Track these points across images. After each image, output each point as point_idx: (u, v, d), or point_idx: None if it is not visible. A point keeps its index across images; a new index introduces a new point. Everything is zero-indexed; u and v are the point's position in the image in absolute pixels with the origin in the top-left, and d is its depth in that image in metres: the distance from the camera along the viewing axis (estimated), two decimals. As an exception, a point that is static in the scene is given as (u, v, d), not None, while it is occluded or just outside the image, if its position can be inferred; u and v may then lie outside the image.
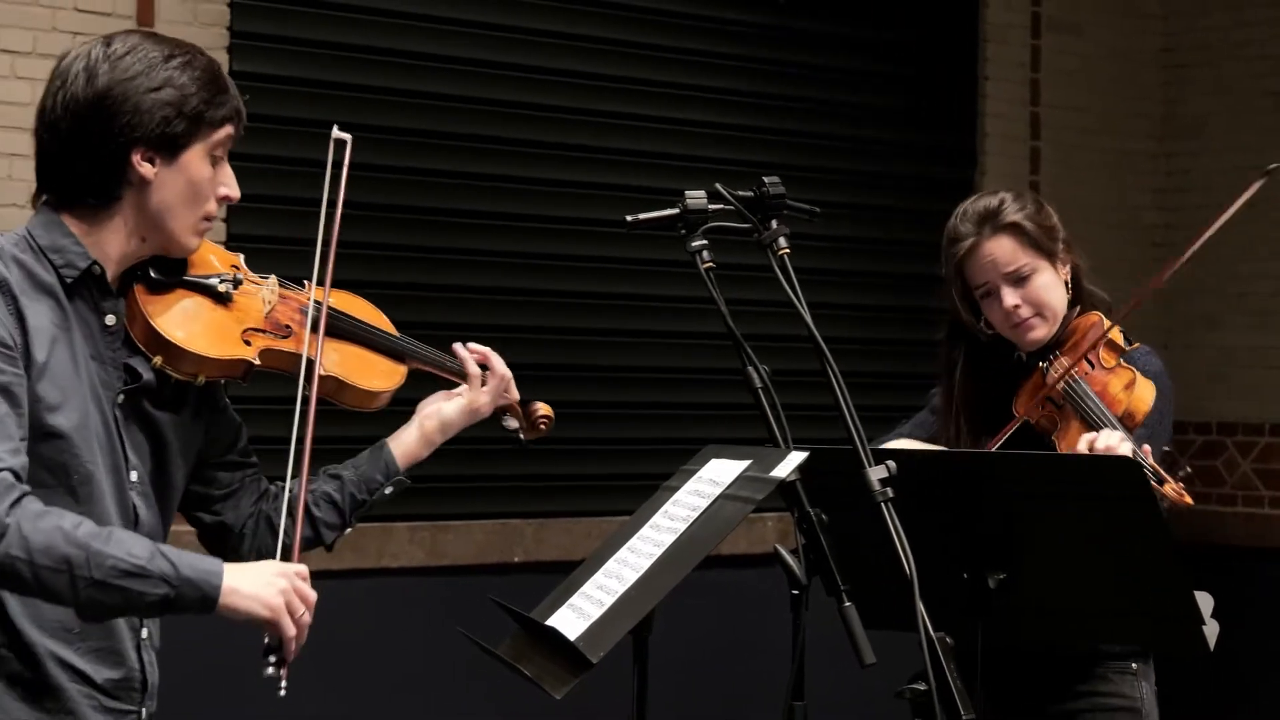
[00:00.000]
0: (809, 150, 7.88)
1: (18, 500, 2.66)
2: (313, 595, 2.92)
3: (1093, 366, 3.72)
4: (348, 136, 3.23)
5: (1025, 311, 3.75)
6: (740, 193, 3.11)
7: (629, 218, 3.22)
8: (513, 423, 3.37)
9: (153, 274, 2.98)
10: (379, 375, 3.22)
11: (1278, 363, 8.48)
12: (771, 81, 7.86)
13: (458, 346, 3.35)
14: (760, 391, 3.00)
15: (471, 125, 7.05)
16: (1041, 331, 3.77)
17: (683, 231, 3.11)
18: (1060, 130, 8.63)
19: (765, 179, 3.11)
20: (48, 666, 2.83)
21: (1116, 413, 3.63)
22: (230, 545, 3.18)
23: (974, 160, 8.41)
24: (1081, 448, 3.51)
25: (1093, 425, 3.60)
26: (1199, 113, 8.80)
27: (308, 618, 2.93)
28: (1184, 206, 8.73)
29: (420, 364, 3.29)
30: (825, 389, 2.95)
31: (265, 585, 2.85)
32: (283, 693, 3.02)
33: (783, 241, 3.08)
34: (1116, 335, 3.77)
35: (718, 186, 3.12)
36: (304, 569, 2.92)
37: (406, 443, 3.24)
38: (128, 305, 2.94)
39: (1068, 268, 3.85)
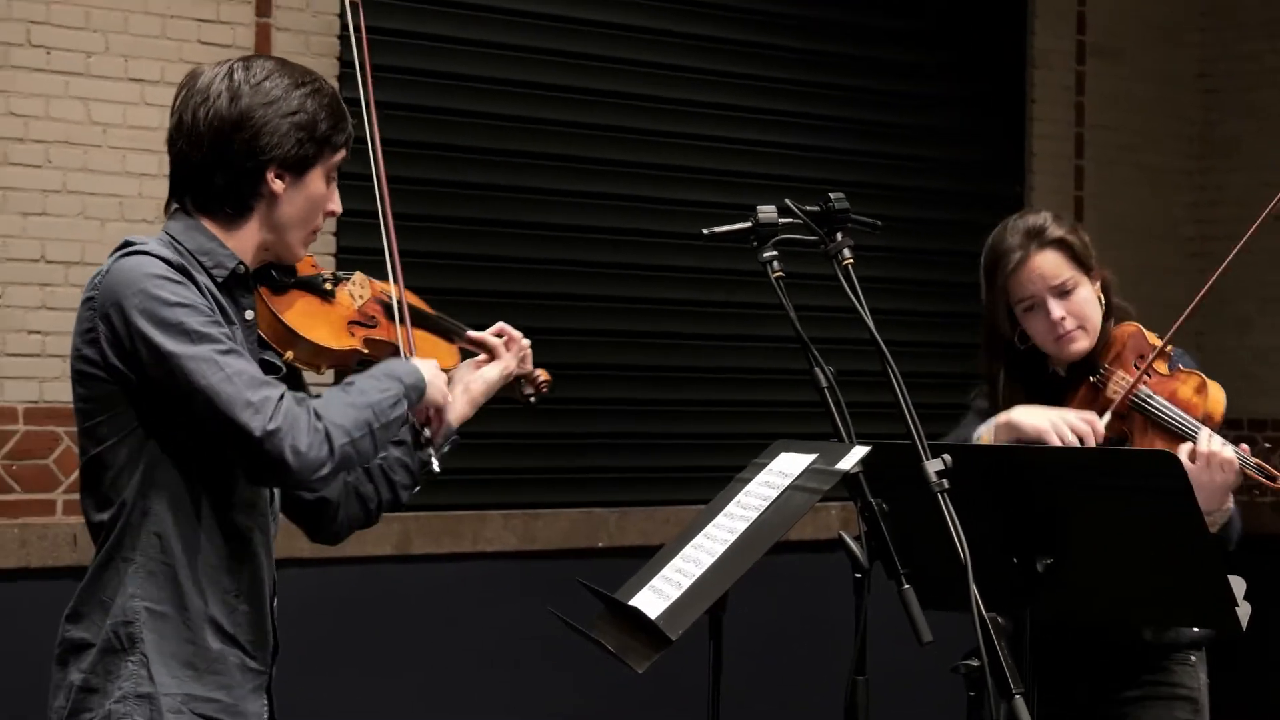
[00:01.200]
0: (871, 168, 7.87)
1: (308, 407, 2.79)
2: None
3: (1150, 376, 3.66)
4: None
5: (1070, 323, 3.69)
6: (807, 208, 3.11)
7: (706, 230, 3.22)
8: (527, 389, 3.39)
9: (275, 275, 3.03)
10: (444, 355, 3.26)
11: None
12: (835, 105, 7.85)
13: (484, 331, 3.36)
14: (826, 390, 3.00)
15: (565, 147, 7.10)
16: (1084, 344, 3.71)
17: (755, 243, 3.11)
18: (1102, 149, 8.59)
19: (831, 195, 3.11)
20: (205, 629, 2.86)
21: (1197, 416, 3.57)
22: (327, 517, 3.20)
23: (1022, 177, 8.38)
24: (1185, 455, 3.43)
25: (1177, 433, 3.54)
26: (1233, 133, 8.76)
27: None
28: (1218, 220, 8.68)
29: (463, 342, 3.31)
30: (886, 388, 2.95)
31: (435, 372, 3.08)
32: (437, 467, 3.18)
33: (847, 252, 3.07)
34: (1154, 339, 3.72)
35: (787, 202, 3.12)
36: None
37: (458, 406, 3.22)
38: (256, 304, 2.98)
39: (1099, 283, 3.80)
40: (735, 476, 3.15)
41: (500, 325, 3.35)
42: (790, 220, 3.10)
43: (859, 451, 2.88)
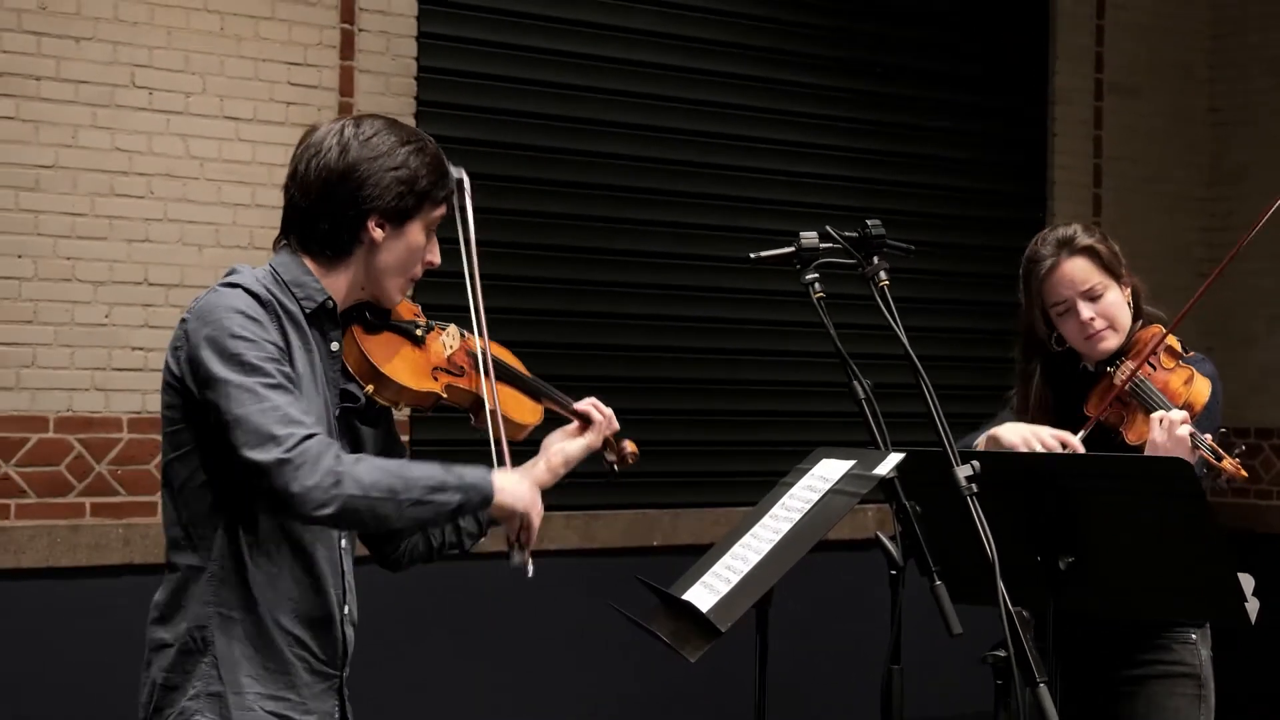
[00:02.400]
0: (904, 197, 7.85)
1: (337, 454, 2.74)
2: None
3: (1154, 369, 3.68)
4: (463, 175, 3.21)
5: (1099, 324, 3.70)
6: (846, 233, 3.10)
7: (753, 255, 3.22)
8: (611, 456, 3.35)
9: (368, 316, 3.03)
10: (527, 412, 3.22)
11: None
12: (872, 139, 7.84)
13: (590, 401, 3.29)
14: (863, 401, 2.99)
15: (627, 178, 7.12)
16: (1112, 342, 3.72)
17: (798, 266, 3.10)
18: (1119, 179, 8.55)
19: (868, 221, 3.10)
20: (274, 633, 2.85)
21: (1177, 404, 3.59)
22: (391, 545, 3.19)
23: (1044, 205, 8.35)
24: (1153, 424, 3.49)
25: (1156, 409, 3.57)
26: (1241, 162, 8.71)
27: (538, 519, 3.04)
28: (1228, 244, 8.58)
29: (551, 404, 3.27)
30: (918, 399, 2.94)
31: (518, 484, 2.98)
32: (530, 572, 3.12)
33: (883, 274, 3.07)
34: (1174, 343, 3.74)
35: (827, 228, 3.11)
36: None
37: (537, 474, 3.15)
38: (345, 340, 2.98)
39: (1129, 289, 3.80)
40: (780, 481, 3.14)
41: (594, 401, 3.27)
42: (830, 245, 3.10)
43: (894, 458, 2.87)
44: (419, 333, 3.09)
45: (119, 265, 6.05)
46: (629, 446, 3.32)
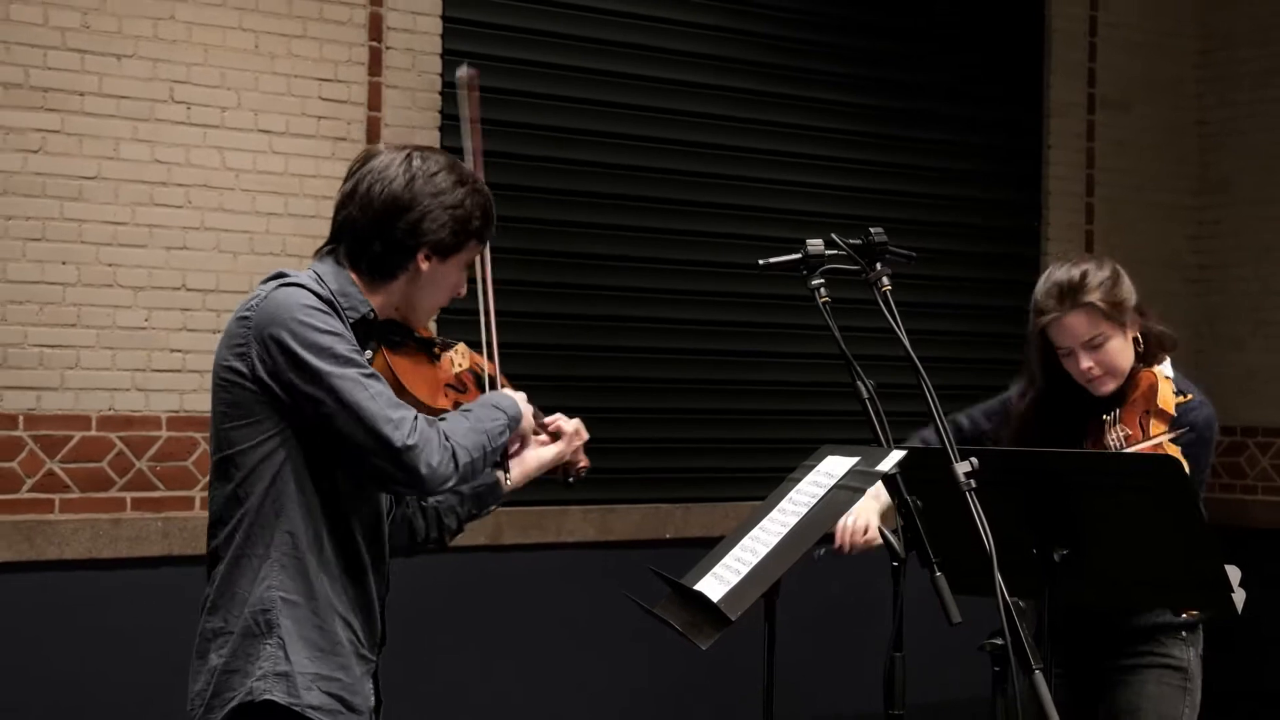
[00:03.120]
0: (906, 206, 7.84)
1: (436, 426, 2.82)
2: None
3: (1144, 430, 3.62)
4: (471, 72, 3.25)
5: (1097, 371, 3.66)
6: (851, 241, 3.10)
7: (761, 261, 3.22)
8: (570, 470, 3.35)
9: (394, 335, 3.04)
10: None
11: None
12: (876, 151, 7.83)
13: (558, 416, 3.29)
14: (867, 401, 2.99)
15: (643, 188, 7.13)
16: (1110, 386, 3.68)
17: (804, 272, 3.10)
18: (1111, 188, 8.52)
19: (871, 230, 3.09)
20: (330, 618, 2.86)
21: None
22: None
23: (1039, 213, 8.32)
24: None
25: None
26: (1228, 172, 8.69)
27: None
28: (1215, 250, 8.63)
29: (536, 424, 3.27)
30: (919, 399, 2.94)
31: (526, 406, 3.09)
32: (507, 485, 3.19)
33: (885, 280, 3.06)
34: (1168, 403, 3.66)
35: (832, 236, 3.11)
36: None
37: (512, 477, 3.19)
38: (375, 353, 2.99)
39: (1137, 327, 3.75)
40: (787, 477, 3.14)
41: (559, 417, 3.28)
42: (835, 252, 3.09)
43: (896, 455, 2.87)
44: (435, 350, 3.10)
45: (158, 271, 6.06)
46: (583, 460, 3.33)
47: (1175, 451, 3.58)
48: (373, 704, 2.98)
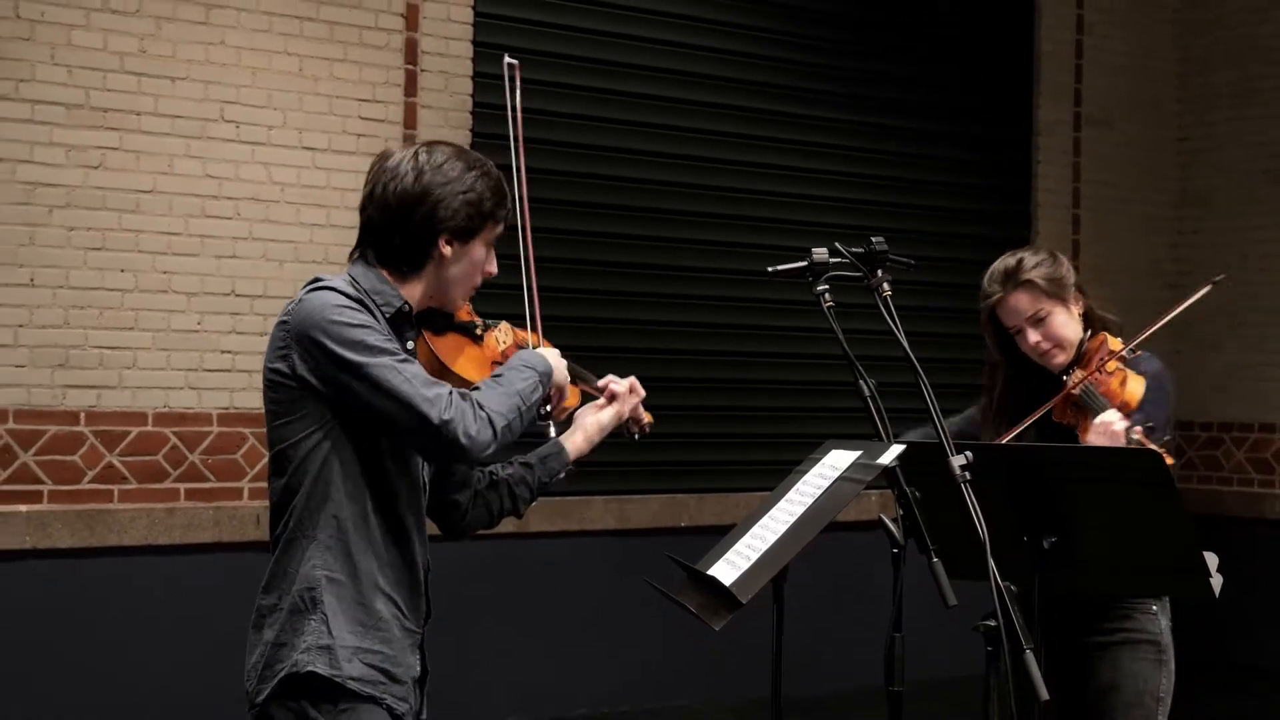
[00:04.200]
0: (906, 217, 7.84)
1: (470, 398, 2.80)
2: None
3: (1101, 373, 3.66)
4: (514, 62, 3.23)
5: (1045, 344, 3.69)
6: (854, 249, 3.09)
7: (770, 268, 3.21)
8: (633, 426, 3.34)
9: (434, 319, 3.03)
10: (570, 396, 3.22)
11: (1265, 376, 8.40)
12: (878, 166, 7.84)
13: (610, 377, 3.31)
14: (868, 399, 2.97)
15: (662, 201, 7.13)
16: (1061, 358, 3.71)
17: (810, 279, 3.08)
18: (1096, 200, 8.51)
19: (872, 239, 3.08)
20: (373, 594, 2.85)
21: (1115, 404, 3.56)
22: (457, 516, 3.20)
23: (1029, 224, 8.33)
24: (1094, 427, 3.48)
25: (1097, 411, 3.56)
26: (1206, 186, 8.68)
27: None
28: (1193, 258, 8.61)
29: (584, 385, 3.27)
30: (917, 396, 2.93)
31: (559, 360, 3.04)
32: (553, 433, 3.15)
33: (886, 286, 3.05)
34: (1117, 348, 3.69)
35: (836, 245, 3.09)
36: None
37: (576, 442, 3.22)
38: (418, 341, 2.98)
39: (1080, 305, 3.77)
40: (794, 469, 3.13)
41: (611, 377, 3.29)
42: (839, 260, 3.08)
43: (896, 449, 2.86)
44: (478, 332, 3.09)
45: (209, 278, 6.07)
46: (646, 416, 3.32)
47: (1138, 384, 3.61)
48: (417, 674, 2.97)
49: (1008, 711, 2.87)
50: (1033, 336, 3.69)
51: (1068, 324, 3.72)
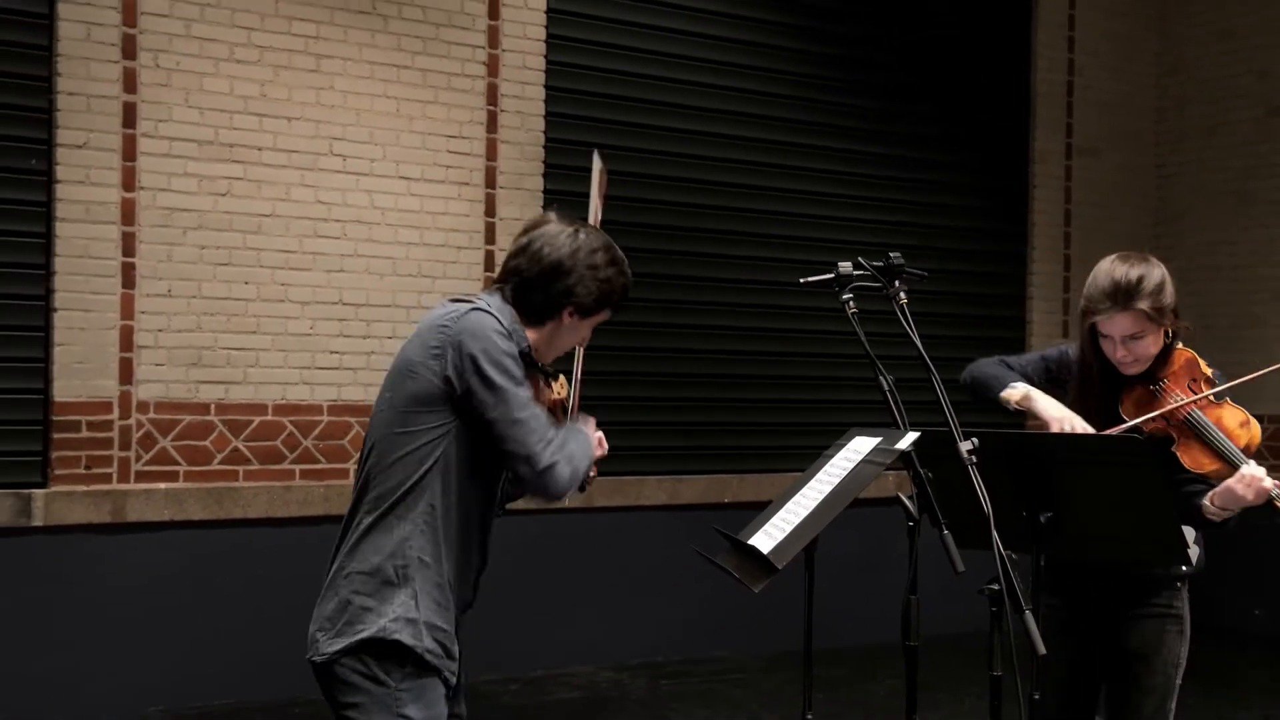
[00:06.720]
0: (919, 234, 7.79)
1: (568, 452, 2.83)
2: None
3: (1194, 394, 3.41)
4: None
5: (1128, 358, 3.43)
6: (874, 263, 3.07)
7: (801, 280, 3.19)
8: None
9: (526, 359, 2.99)
10: (558, 390, 3.17)
11: (1235, 375, 8.14)
12: (894, 191, 7.79)
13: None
14: (888, 392, 2.95)
15: (710, 222, 7.10)
16: (1136, 370, 3.46)
17: (836, 289, 3.07)
18: (1084, 219, 8.44)
19: (890, 254, 3.06)
20: (448, 578, 2.84)
21: (1239, 445, 3.32)
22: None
23: (1025, 240, 8.25)
24: (1237, 477, 3.23)
25: (1221, 455, 3.32)
26: (1182, 206, 8.59)
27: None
28: (1170, 271, 8.48)
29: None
30: (930, 390, 2.91)
31: (593, 440, 3.00)
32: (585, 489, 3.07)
33: (903, 295, 3.03)
34: (1206, 370, 3.46)
35: (859, 259, 3.08)
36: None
37: None
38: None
39: (1170, 325, 3.49)
40: (823, 453, 3.12)
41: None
42: (861, 272, 3.06)
43: (912, 436, 2.84)
44: (551, 379, 3.08)
45: (320, 289, 6.10)
46: (594, 470, 3.26)
47: (1258, 430, 3.36)
48: (458, 652, 2.96)
49: (1009, 663, 2.84)
50: (1120, 351, 3.44)
51: (1155, 344, 3.46)
